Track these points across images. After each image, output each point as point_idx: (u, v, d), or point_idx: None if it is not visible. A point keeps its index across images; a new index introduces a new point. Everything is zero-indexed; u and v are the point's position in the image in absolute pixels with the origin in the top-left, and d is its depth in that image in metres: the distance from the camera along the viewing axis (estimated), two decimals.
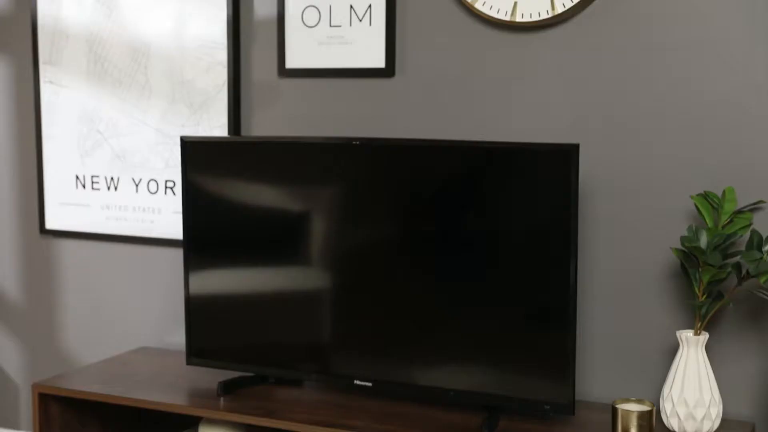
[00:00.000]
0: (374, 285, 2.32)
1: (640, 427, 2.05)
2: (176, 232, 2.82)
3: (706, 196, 2.15)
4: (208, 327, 2.52)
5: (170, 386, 2.49)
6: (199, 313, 2.52)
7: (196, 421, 2.67)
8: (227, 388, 2.42)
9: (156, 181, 2.84)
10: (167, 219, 2.84)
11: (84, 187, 2.94)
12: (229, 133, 2.72)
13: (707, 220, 2.13)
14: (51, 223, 3.00)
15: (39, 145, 2.99)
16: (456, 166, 2.22)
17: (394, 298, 2.30)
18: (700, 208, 2.14)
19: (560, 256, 2.11)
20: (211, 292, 2.51)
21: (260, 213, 2.43)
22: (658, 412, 2.21)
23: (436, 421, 2.23)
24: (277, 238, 2.42)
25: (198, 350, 2.53)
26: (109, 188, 2.91)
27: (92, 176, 2.93)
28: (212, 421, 2.41)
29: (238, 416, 2.29)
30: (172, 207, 2.83)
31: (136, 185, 2.87)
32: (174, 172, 2.81)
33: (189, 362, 2.55)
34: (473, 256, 2.20)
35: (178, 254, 2.85)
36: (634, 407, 2.10)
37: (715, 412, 2.13)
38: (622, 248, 2.33)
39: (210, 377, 2.55)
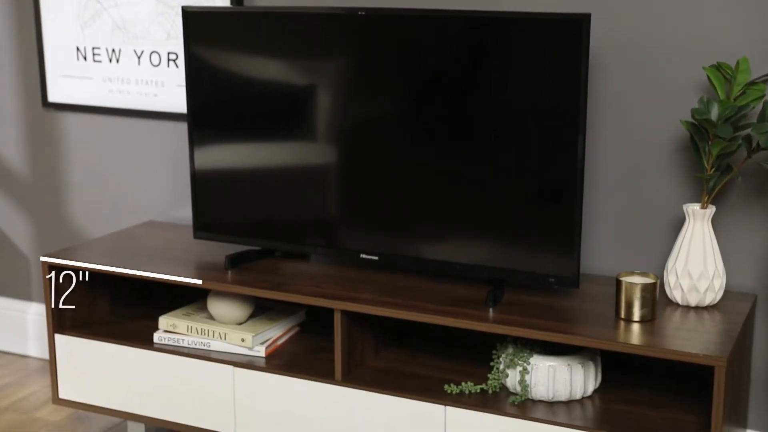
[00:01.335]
0: (381, 159, 2.30)
1: (643, 299, 2.06)
2: (180, 105, 2.79)
3: (719, 67, 2.10)
4: (215, 201, 2.52)
5: (178, 260, 2.51)
6: (206, 187, 2.52)
7: (203, 294, 2.70)
8: (234, 261, 2.44)
9: (158, 53, 2.79)
10: (171, 92, 2.81)
11: (85, 59, 2.90)
12: (231, 3, 2.65)
13: (719, 92, 2.10)
14: (53, 96, 2.97)
15: (37, 15, 2.92)
16: (463, 36, 2.17)
17: (401, 172, 2.29)
18: (713, 80, 2.10)
19: (568, 130, 2.08)
20: (217, 166, 2.50)
21: (265, 86, 2.39)
22: (662, 284, 2.23)
23: (442, 294, 2.25)
24: (282, 112, 2.39)
25: (205, 224, 2.54)
26: (110, 60, 2.86)
27: (93, 48, 2.88)
28: (220, 294, 2.44)
29: (245, 289, 2.31)
30: (175, 80, 2.79)
31: (138, 57, 2.82)
32: (176, 43, 2.76)
33: (196, 236, 2.56)
34: (480, 131, 2.18)
35: (184, 128, 2.83)
36: (638, 279, 2.11)
37: (719, 284, 2.14)
38: (631, 121, 2.30)
39: (217, 251, 2.56)
